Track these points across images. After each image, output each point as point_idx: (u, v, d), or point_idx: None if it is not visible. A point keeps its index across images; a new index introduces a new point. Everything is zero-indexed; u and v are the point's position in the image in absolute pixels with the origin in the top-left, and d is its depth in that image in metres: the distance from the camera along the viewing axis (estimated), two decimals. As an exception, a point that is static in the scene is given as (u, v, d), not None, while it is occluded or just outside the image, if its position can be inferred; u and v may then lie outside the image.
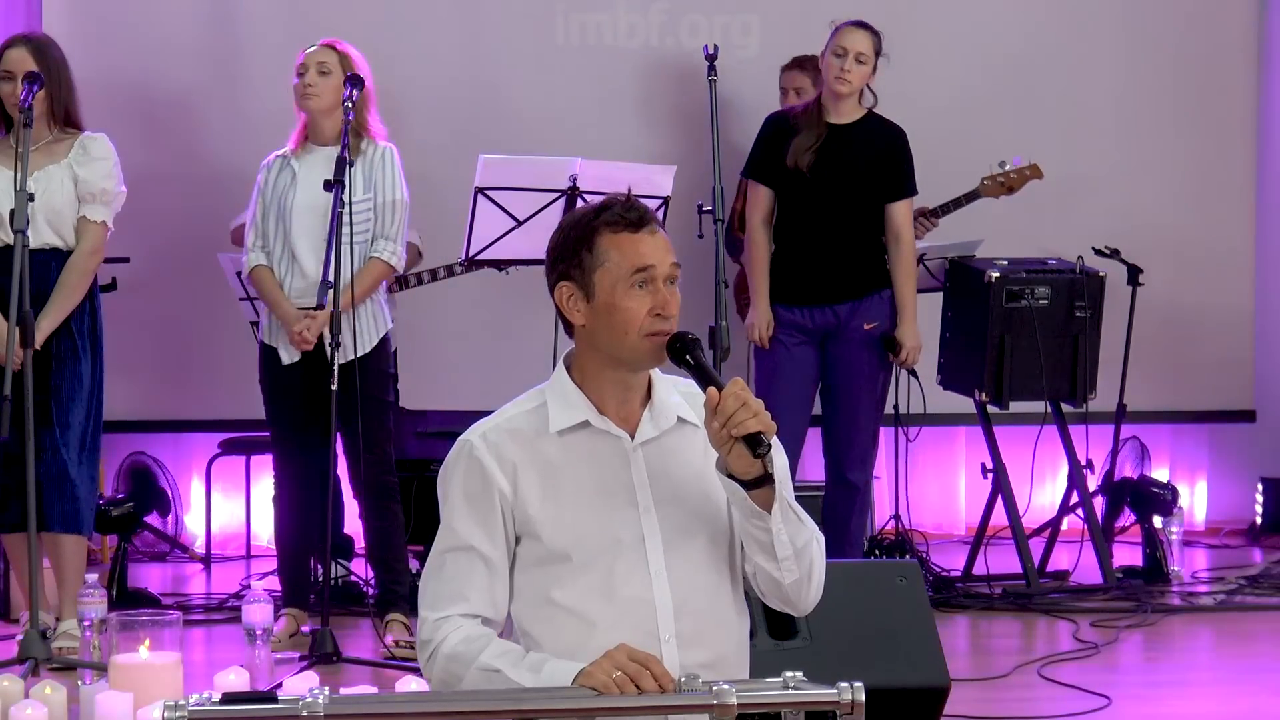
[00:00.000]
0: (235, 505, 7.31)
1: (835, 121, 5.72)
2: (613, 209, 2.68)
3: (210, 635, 5.69)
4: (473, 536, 2.66)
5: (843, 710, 2.29)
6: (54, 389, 5.21)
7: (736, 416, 2.53)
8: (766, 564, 2.65)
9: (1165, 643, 5.56)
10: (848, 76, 5.66)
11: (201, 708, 2.25)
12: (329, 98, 5.36)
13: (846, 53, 5.66)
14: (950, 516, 7.64)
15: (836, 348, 5.71)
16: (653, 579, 2.65)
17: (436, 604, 2.66)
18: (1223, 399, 7.61)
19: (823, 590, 2.73)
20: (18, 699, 4.21)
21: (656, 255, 2.66)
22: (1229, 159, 7.61)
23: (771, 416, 2.56)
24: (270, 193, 5.42)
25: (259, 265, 5.43)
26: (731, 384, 2.57)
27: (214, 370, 7.10)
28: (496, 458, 2.67)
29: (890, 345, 5.73)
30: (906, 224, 5.78)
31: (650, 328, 2.64)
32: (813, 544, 2.68)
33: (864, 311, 5.71)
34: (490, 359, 6.98)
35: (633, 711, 2.38)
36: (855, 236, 5.72)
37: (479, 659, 2.57)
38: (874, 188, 5.72)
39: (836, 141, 5.69)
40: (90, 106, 5.47)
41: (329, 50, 5.42)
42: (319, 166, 5.33)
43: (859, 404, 5.72)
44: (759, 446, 2.53)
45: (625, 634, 2.53)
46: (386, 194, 5.36)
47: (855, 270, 5.72)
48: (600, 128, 7.08)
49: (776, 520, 2.60)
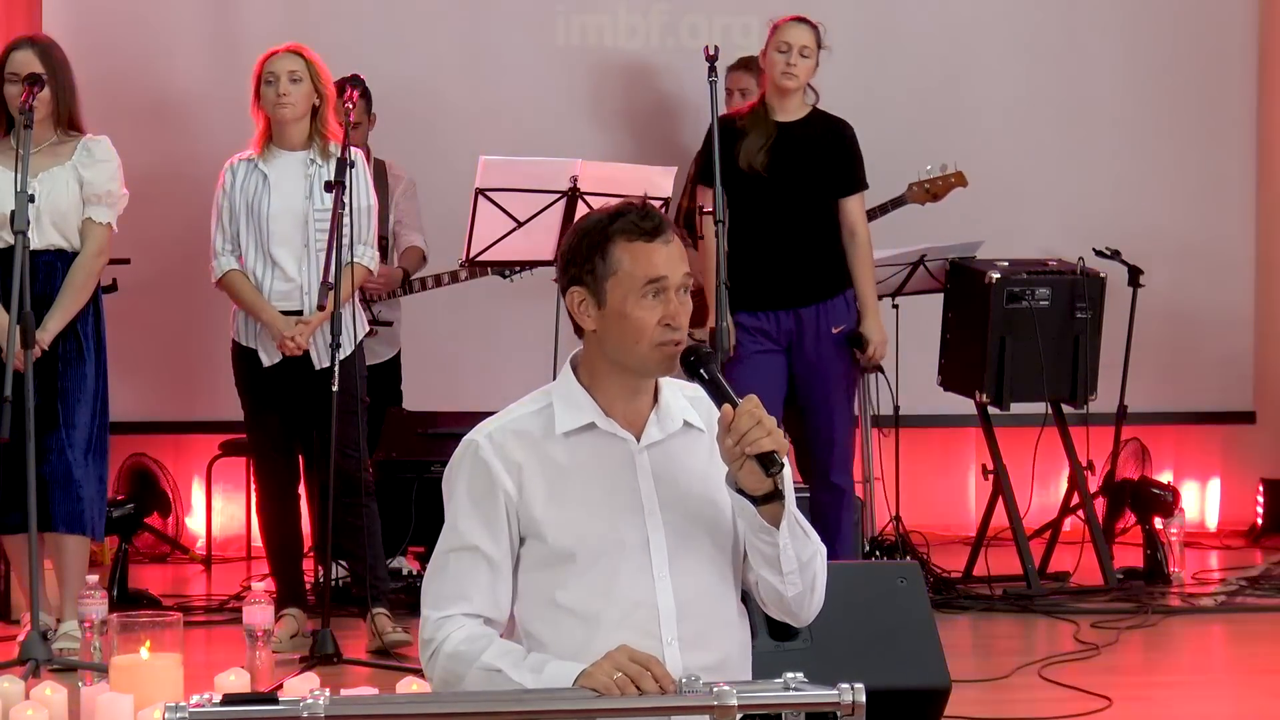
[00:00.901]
0: (236, 506, 7.31)
1: (783, 119, 5.70)
2: (628, 216, 2.66)
3: (211, 636, 5.69)
4: (477, 536, 2.66)
5: (843, 712, 2.29)
6: (60, 390, 5.24)
7: (751, 435, 2.53)
8: (771, 577, 2.66)
9: (1166, 644, 5.56)
10: (794, 71, 5.63)
11: (202, 709, 2.25)
12: (302, 105, 5.38)
13: (790, 48, 5.63)
14: (952, 517, 7.63)
15: (806, 353, 5.65)
16: (656, 581, 2.65)
17: (439, 603, 2.66)
18: (1223, 400, 7.61)
19: (823, 599, 2.75)
20: (18, 700, 4.21)
21: (669, 266, 2.65)
22: (1229, 161, 7.61)
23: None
24: (239, 196, 5.40)
25: (232, 270, 5.42)
26: (746, 401, 2.57)
27: (215, 372, 7.07)
28: (502, 458, 2.67)
29: (856, 342, 5.69)
30: (861, 219, 5.75)
31: (660, 338, 2.64)
32: (817, 558, 2.70)
33: (830, 314, 5.67)
34: (492, 360, 6.98)
35: (634, 713, 2.37)
36: (814, 236, 5.68)
37: (480, 659, 2.58)
38: (828, 184, 5.69)
39: (787, 140, 5.66)
40: (90, 108, 5.48)
41: (297, 57, 5.40)
42: (291, 171, 5.36)
43: (836, 406, 5.69)
44: (772, 465, 2.54)
45: (628, 636, 2.52)
46: (360, 200, 5.37)
47: (817, 272, 5.68)
48: (601, 129, 7.08)
49: (784, 536, 2.62)
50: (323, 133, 5.41)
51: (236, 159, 5.47)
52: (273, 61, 5.39)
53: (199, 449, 7.32)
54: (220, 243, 5.44)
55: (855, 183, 5.76)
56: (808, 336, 5.66)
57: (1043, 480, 6.91)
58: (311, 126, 5.43)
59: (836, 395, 5.70)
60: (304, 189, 5.38)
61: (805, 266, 5.67)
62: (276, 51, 5.42)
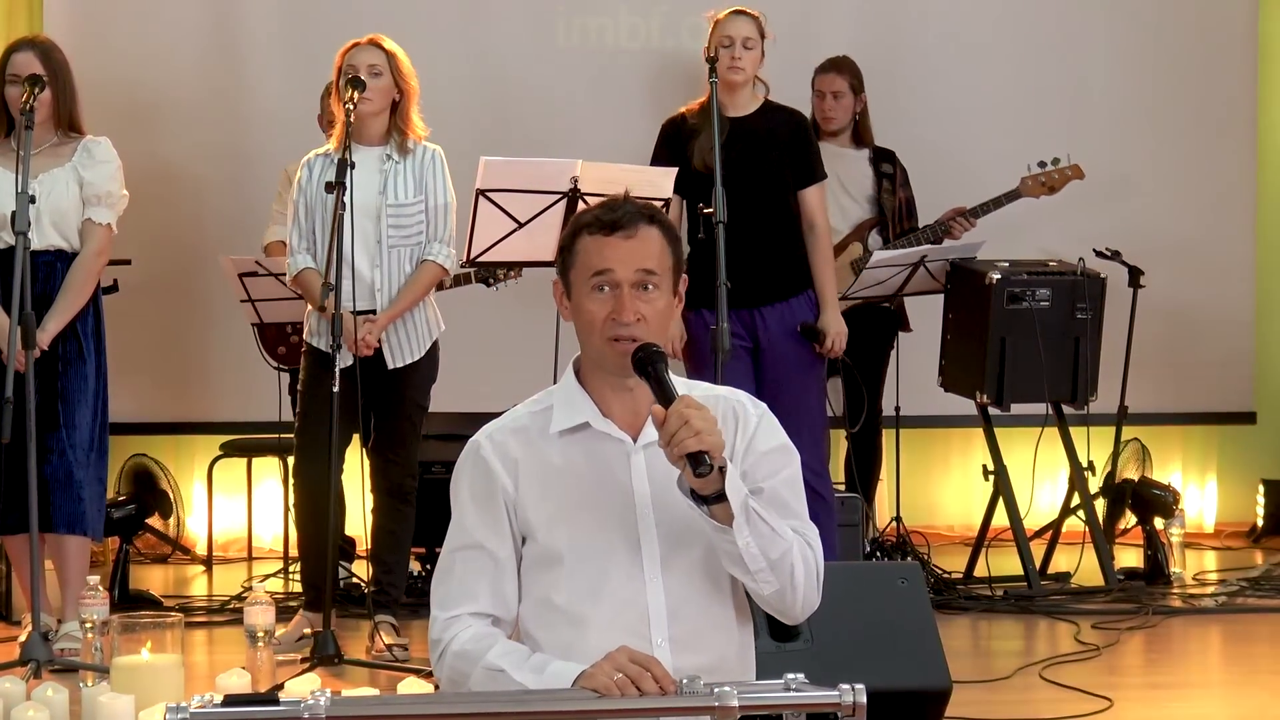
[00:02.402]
0: (237, 507, 7.31)
1: (735, 115, 5.63)
2: (598, 210, 2.70)
3: (212, 637, 5.69)
4: (481, 535, 2.68)
5: (844, 712, 2.29)
6: (60, 391, 5.24)
7: (677, 435, 2.51)
8: (741, 576, 2.64)
9: (1166, 645, 5.56)
10: (740, 64, 5.57)
11: (203, 710, 2.25)
12: (380, 100, 5.30)
13: (733, 41, 5.59)
14: (953, 518, 7.63)
15: (771, 354, 5.58)
16: (647, 582, 2.65)
17: (447, 603, 2.68)
18: (1223, 401, 7.61)
19: (819, 597, 2.71)
20: (20, 701, 4.21)
21: (617, 260, 2.64)
22: (1229, 161, 7.61)
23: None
24: (315, 194, 5.31)
25: (307, 268, 5.34)
26: (679, 401, 2.55)
27: (215, 372, 7.11)
28: (500, 457, 2.69)
29: (812, 335, 5.59)
30: (820, 210, 5.69)
31: (608, 332, 2.64)
32: (793, 554, 2.64)
33: (792, 313, 5.61)
34: (491, 361, 6.97)
35: (635, 714, 2.37)
36: (774, 233, 5.60)
37: (485, 658, 2.59)
38: (785, 176, 5.63)
39: (740, 135, 5.58)
40: (90, 108, 5.48)
41: (377, 50, 5.32)
42: (367, 166, 5.26)
43: (805, 408, 5.52)
44: (699, 466, 2.51)
45: (616, 637, 2.52)
46: (438, 196, 5.35)
47: (778, 270, 5.61)
48: (601, 130, 7.08)
49: (741, 535, 2.57)
50: (401, 128, 5.32)
51: (314, 154, 5.40)
52: (353, 54, 5.30)
53: (200, 450, 7.32)
54: (296, 240, 5.35)
55: (813, 173, 5.68)
56: (772, 336, 5.59)
57: (1043, 481, 6.92)
58: (390, 122, 5.35)
59: (806, 396, 5.57)
60: (378, 184, 5.29)
61: (765, 265, 5.58)
62: (358, 44, 5.35)
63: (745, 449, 2.72)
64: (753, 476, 2.69)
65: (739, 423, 2.73)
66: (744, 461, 2.70)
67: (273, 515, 7.33)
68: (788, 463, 2.74)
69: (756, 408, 2.78)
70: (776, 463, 2.73)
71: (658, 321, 2.66)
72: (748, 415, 2.75)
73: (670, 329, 5.29)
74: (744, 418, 2.74)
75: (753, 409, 2.77)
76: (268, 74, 7.13)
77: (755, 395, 2.86)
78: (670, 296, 2.70)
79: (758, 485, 2.68)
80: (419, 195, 5.32)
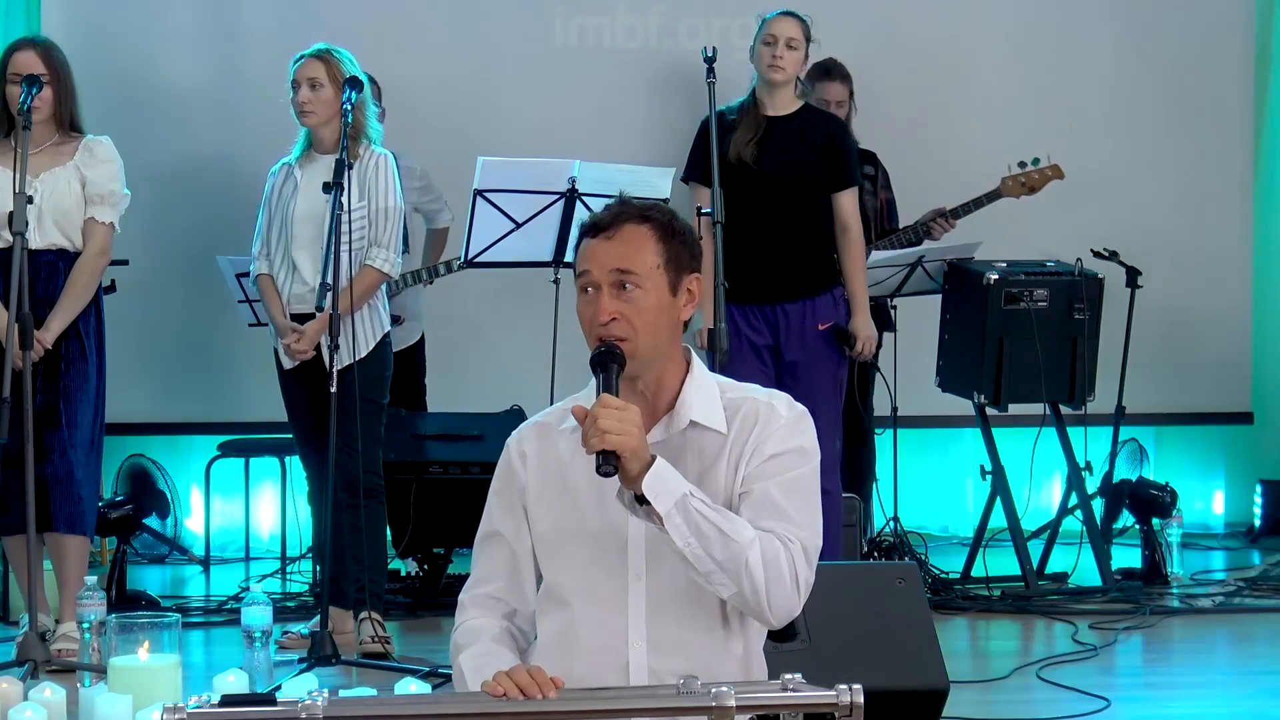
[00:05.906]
0: (234, 507, 7.31)
1: (773, 114, 5.69)
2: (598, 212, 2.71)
3: (209, 638, 5.69)
4: (499, 523, 2.77)
5: (841, 712, 2.29)
6: (63, 390, 5.24)
7: (586, 434, 2.51)
8: (695, 577, 2.59)
9: (1164, 645, 5.56)
10: (780, 63, 5.62)
11: (200, 710, 2.25)
12: (324, 111, 5.37)
13: (776, 40, 5.63)
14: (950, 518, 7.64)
15: (793, 351, 5.62)
16: (630, 582, 2.65)
17: (469, 585, 2.80)
18: (1221, 401, 7.61)
19: (800, 600, 2.63)
20: (17, 701, 4.21)
21: (595, 261, 2.64)
22: (1226, 162, 7.61)
23: None
24: (275, 200, 5.47)
25: (262, 274, 5.50)
26: (598, 400, 2.54)
27: (213, 373, 7.10)
28: (519, 451, 2.76)
29: (844, 338, 5.66)
30: (853, 214, 5.73)
31: (593, 333, 2.65)
32: (748, 554, 2.56)
33: (816, 311, 5.64)
34: (489, 362, 6.97)
35: (635, 713, 2.37)
36: (801, 232, 5.64)
37: (462, 654, 2.68)
38: (818, 178, 5.67)
39: (776, 133, 5.65)
40: (90, 107, 5.48)
41: (317, 63, 5.39)
42: (319, 175, 5.32)
43: (822, 407, 5.39)
44: (600, 465, 2.50)
45: (594, 633, 2.61)
46: (380, 201, 5.37)
47: (805, 267, 5.65)
48: (599, 130, 7.08)
49: (679, 534, 2.53)
50: (354, 133, 5.35)
51: (279, 164, 5.52)
52: (298, 70, 5.40)
53: (197, 450, 7.32)
54: (258, 246, 5.52)
55: (848, 178, 5.74)
56: (794, 333, 5.62)
57: (1040, 481, 6.92)
58: (342, 128, 5.37)
59: (824, 393, 5.58)
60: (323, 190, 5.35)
61: (792, 261, 5.63)
62: (303, 55, 5.42)
63: (752, 451, 2.67)
64: (751, 477, 2.66)
65: (757, 423, 2.69)
66: (749, 463, 2.67)
67: (270, 516, 7.32)
68: (798, 464, 2.68)
69: (791, 410, 2.72)
70: (784, 464, 2.67)
71: (644, 320, 2.63)
72: (772, 417, 2.69)
73: (693, 323, 5.37)
74: (765, 420, 2.69)
75: (785, 411, 2.71)
76: (267, 74, 7.11)
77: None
78: (664, 294, 2.66)
79: (749, 487, 2.65)
80: (362, 200, 5.33)
